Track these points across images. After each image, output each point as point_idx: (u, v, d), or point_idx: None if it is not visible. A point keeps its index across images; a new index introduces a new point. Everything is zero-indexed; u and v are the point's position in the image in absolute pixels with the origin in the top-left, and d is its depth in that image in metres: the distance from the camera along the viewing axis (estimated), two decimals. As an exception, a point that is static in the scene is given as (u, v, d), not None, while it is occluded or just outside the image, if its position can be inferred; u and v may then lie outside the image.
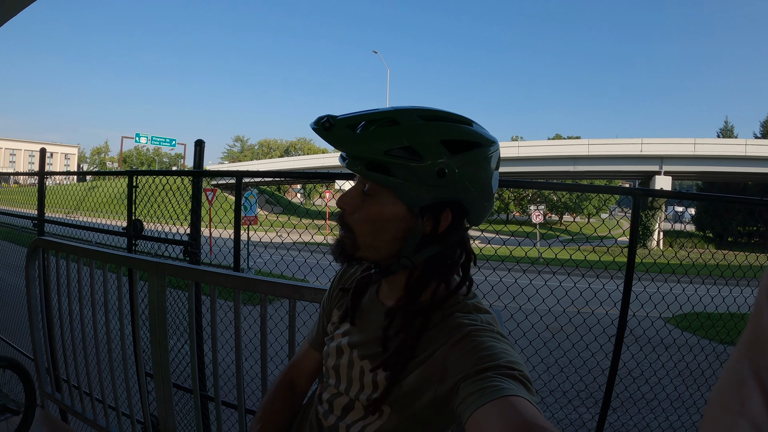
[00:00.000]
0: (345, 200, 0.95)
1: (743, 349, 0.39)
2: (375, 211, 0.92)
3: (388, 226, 0.92)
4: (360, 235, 0.94)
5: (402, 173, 0.87)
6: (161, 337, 2.29)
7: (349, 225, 0.95)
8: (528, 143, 37.88)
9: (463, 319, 0.91)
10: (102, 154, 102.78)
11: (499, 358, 0.79)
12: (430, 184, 0.88)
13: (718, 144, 31.94)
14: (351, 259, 0.97)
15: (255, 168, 55.43)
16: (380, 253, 0.94)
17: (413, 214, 0.91)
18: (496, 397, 0.71)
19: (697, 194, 3.63)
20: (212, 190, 12.90)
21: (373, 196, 0.92)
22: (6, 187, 22.72)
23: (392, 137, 0.87)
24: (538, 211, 27.82)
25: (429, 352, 0.90)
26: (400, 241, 0.92)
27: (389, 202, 0.91)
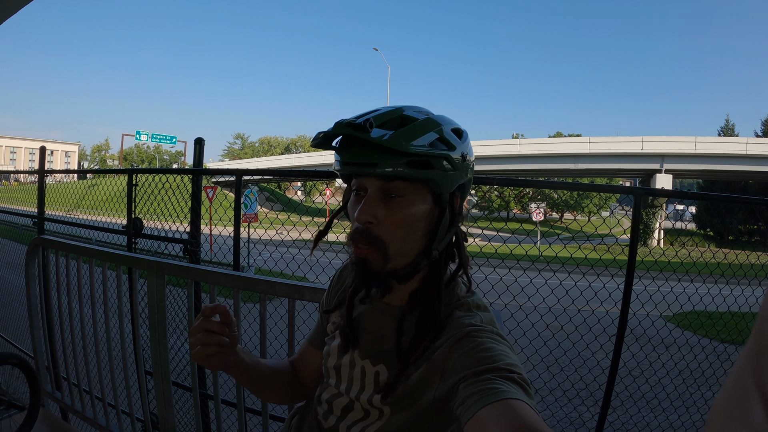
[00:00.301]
0: (369, 213, 0.90)
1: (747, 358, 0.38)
2: (407, 213, 0.90)
3: (420, 224, 0.91)
4: (392, 244, 0.90)
5: (441, 164, 0.87)
6: (161, 336, 2.30)
7: (380, 237, 0.90)
8: (529, 141, 37.88)
9: (463, 319, 0.91)
10: (102, 151, 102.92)
11: (499, 360, 0.79)
12: (458, 170, 0.90)
13: (719, 142, 31.87)
14: (381, 275, 0.92)
15: (255, 165, 55.52)
16: (409, 255, 0.93)
17: (439, 204, 0.91)
18: (496, 400, 0.71)
19: (698, 194, 3.63)
20: (213, 188, 12.91)
21: (402, 198, 0.90)
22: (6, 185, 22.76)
23: (425, 131, 0.87)
24: (539, 209, 27.68)
25: (429, 351, 0.90)
26: (427, 236, 0.92)
27: (419, 198, 0.90)
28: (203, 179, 3.51)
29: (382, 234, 0.90)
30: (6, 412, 3.01)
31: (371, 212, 0.89)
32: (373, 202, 0.90)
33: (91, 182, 6.63)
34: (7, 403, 3.02)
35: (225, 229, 3.76)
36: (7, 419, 3.00)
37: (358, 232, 0.91)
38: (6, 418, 3.00)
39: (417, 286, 0.96)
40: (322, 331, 1.18)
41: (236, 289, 2.11)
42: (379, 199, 0.90)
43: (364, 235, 0.90)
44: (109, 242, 10.42)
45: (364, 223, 0.90)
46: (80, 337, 2.81)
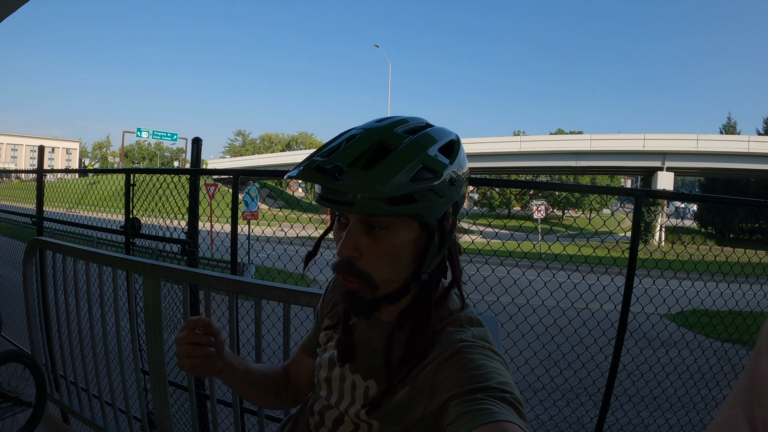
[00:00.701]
0: (352, 247, 0.87)
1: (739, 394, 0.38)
2: (391, 243, 0.86)
3: (406, 252, 0.88)
4: (378, 275, 0.88)
5: (425, 196, 0.83)
6: (156, 337, 2.30)
7: (363, 270, 0.87)
8: (530, 138, 37.84)
9: (455, 335, 0.89)
10: (104, 148, 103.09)
11: (491, 379, 0.77)
12: (446, 195, 0.86)
13: (720, 140, 31.83)
14: (372, 306, 0.91)
15: (256, 162, 55.50)
16: (398, 281, 0.90)
17: (428, 230, 0.87)
18: (487, 422, 0.69)
19: (700, 195, 3.61)
20: (213, 185, 12.91)
21: (385, 229, 0.86)
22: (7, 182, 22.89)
23: (406, 163, 0.81)
24: (540, 207, 27.68)
25: (419, 367, 0.88)
26: (416, 261, 0.89)
27: (404, 228, 0.86)
28: (202, 178, 3.50)
29: (365, 267, 0.87)
30: (12, 409, 3.04)
31: (353, 245, 0.87)
32: (355, 234, 0.87)
33: (92, 179, 6.62)
34: (14, 400, 3.04)
35: (225, 227, 3.75)
36: (11, 417, 3.02)
37: (341, 264, 0.89)
38: (12, 416, 3.02)
39: (407, 304, 0.94)
40: (315, 340, 1.17)
41: (232, 294, 2.11)
42: (362, 231, 0.87)
43: (347, 267, 0.88)
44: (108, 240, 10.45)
45: (348, 257, 0.87)
46: (78, 337, 2.81)
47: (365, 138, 0.83)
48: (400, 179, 0.80)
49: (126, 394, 2.63)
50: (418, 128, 0.88)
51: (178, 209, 3.38)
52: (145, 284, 2.30)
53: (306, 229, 3.43)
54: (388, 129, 0.86)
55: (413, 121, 0.91)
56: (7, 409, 3.04)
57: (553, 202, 53.75)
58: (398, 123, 0.88)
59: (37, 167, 4.26)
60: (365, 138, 0.83)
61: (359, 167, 0.80)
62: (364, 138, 0.83)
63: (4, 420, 3.00)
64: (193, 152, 3.31)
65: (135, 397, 2.70)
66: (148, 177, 3.50)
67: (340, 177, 0.77)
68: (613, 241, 6.82)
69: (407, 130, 0.87)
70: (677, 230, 23.60)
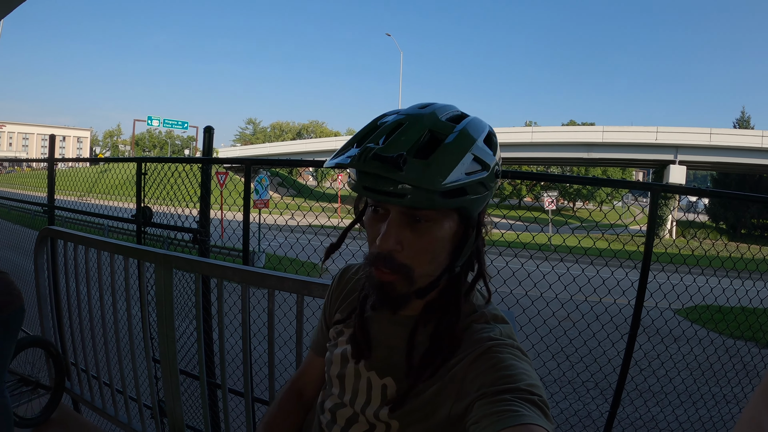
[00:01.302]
0: (395, 240, 0.81)
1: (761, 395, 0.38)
2: (434, 237, 0.82)
3: (446, 245, 0.84)
4: (419, 269, 0.83)
5: (476, 189, 0.79)
6: (168, 327, 2.30)
7: (406, 264, 0.82)
8: (542, 129, 37.57)
9: (482, 333, 0.86)
10: (114, 137, 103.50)
11: (519, 380, 0.75)
12: (491, 188, 0.83)
13: (734, 134, 31.48)
14: (405, 300, 0.86)
15: (267, 151, 55.50)
16: (433, 275, 0.86)
17: (466, 223, 0.84)
18: (515, 424, 0.67)
19: (715, 191, 3.53)
20: (224, 173, 12.93)
21: (430, 222, 0.81)
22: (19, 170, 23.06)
23: (461, 155, 0.77)
24: (551, 197, 27.51)
25: (449, 365, 0.85)
26: (452, 254, 0.86)
27: (447, 221, 0.82)
28: (213, 166, 3.49)
29: (407, 261, 0.82)
30: (30, 394, 3.09)
31: (396, 239, 0.81)
32: (397, 227, 0.82)
33: (103, 167, 6.65)
34: (34, 384, 3.09)
35: (236, 216, 3.74)
36: (27, 403, 3.06)
37: (380, 258, 0.83)
38: (28, 401, 3.06)
39: (433, 297, 0.90)
40: (324, 337, 1.14)
41: (245, 285, 2.09)
42: (405, 223, 0.82)
43: (388, 261, 0.82)
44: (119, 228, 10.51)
45: (390, 251, 0.82)
46: (89, 325, 2.82)
47: (414, 125, 0.78)
48: (457, 172, 0.76)
49: (137, 383, 2.65)
50: (459, 117, 0.85)
51: (189, 198, 3.37)
52: (157, 274, 2.30)
53: (318, 218, 3.42)
54: (434, 117, 0.81)
55: (450, 109, 0.86)
56: (26, 393, 3.08)
57: (565, 194, 53.50)
58: (440, 110, 0.83)
59: (48, 156, 4.27)
60: (414, 125, 0.78)
61: (415, 156, 0.75)
62: (413, 125, 0.78)
63: (21, 405, 3.04)
64: (204, 141, 3.29)
65: (145, 385, 2.71)
66: (159, 165, 3.49)
67: (404, 167, 0.71)
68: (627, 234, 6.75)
69: (450, 118, 0.83)
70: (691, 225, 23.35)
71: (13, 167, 31.02)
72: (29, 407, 3.04)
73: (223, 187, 11.22)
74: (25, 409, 3.02)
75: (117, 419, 2.78)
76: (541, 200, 30.25)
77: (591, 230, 4.48)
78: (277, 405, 1.19)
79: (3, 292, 2.49)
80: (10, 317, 2.49)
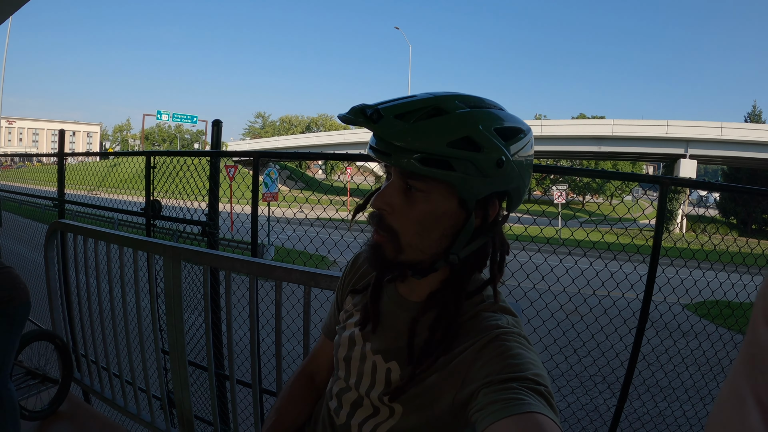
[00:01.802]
0: (384, 200, 0.86)
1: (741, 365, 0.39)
2: (424, 209, 0.84)
3: (439, 224, 0.85)
4: (405, 236, 0.85)
5: (463, 167, 0.79)
6: (177, 319, 2.31)
7: (392, 227, 0.86)
8: (551, 122, 37.38)
9: (490, 321, 0.86)
10: (124, 131, 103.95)
11: (526, 369, 0.76)
12: (490, 176, 0.81)
13: (745, 129, 31.09)
14: (392, 264, 0.88)
15: (276, 144, 55.54)
16: (425, 253, 0.87)
17: (465, 209, 0.84)
18: (520, 412, 0.67)
19: (725, 185, 3.51)
20: (233, 167, 12.97)
21: (422, 193, 0.84)
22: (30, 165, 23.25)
23: (450, 128, 0.79)
24: (560, 191, 27.36)
25: (455, 353, 0.85)
26: (449, 238, 0.86)
27: (442, 198, 0.83)
28: (222, 159, 3.50)
29: (394, 224, 0.86)
30: (38, 387, 3.12)
31: (387, 200, 0.86)
32: (393, 189, 0.86)
33: (113, 161, 6.69)
34: (41, 377, 3.13)
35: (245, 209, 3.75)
36: (36, 395, 3.09)
37: (373, 217, 0.88)
38: (37, 393, 3.10)
39: (437, 287, 0.91)
40: (335, 320, 1.15)
41: (252, 277, 2.11)
42: (400, 188, 0.86)
43: (379, 220, 0.87)
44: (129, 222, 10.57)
45: (379, 209, 0.87)
46: (99, 317, 2.85)
47: (424, 99, 0.81)
48: (436, 138, 0.78)
49: (146, 374, 2.67)
50: (486, 105, 0.85)
51: (198, 191, 3.39)
52: (165, 266, 2.31)
53: (327, 211, 3.42)
54: (451, 98, 0.83)
55: (489, 102, 0.87)
56: (34, 386, 3.12)
57: (574, 187, 53.25)
58: (470, 98, 0.85)
59: (58, 150, 4.30)
60: (424, 99, 0.81)
61: (404, 120, 0.79)
62: (423, 99, 0.81)
63: (29, 397, 3.07)
64: (213, 134, 3.30)
65: (155, 377, 2.73)
66: (168, 159, 3.50)
67: (377, 121, 0.77)
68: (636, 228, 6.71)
69: (470, 103, 0.84)
70: (701, 219, 23.19)
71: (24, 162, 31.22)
72: (38, 400, 3.08)
73: (232, 180, 11.28)
74: (33, 402, 3.05)
75: (126, 410, 2.80)
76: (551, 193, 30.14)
77: (599, 224, 4.46)
78: (289, 389, 1.20)
79: (8, 286, 2.52)
80: (16, 311, 2.53)
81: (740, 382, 0.38)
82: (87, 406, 3.32)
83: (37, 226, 5.95)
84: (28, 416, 2.90)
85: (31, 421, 2.92)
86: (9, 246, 6.11)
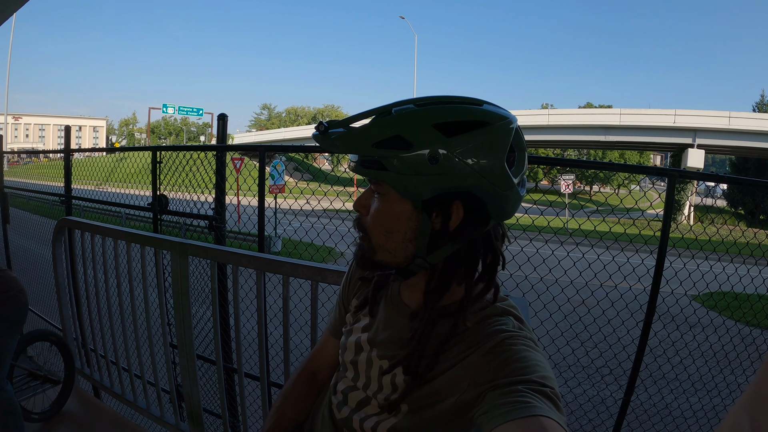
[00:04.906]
0: (359, 202, 0.93)
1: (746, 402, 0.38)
2: (384, 210, 0.87)
3: (398, 225, 0.86)
4: (374, 237, 0.89)
5: (394, 165, 0.80)
6: (185, 315, 2.33)
7: (366, 227, 0.91)
8: (558, 111, 37.17)
9: (497, 325, 0.86)
10: (130, 125, 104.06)
11: (532, 372, 0.75)
12: (425, 174, 0.79)
13: (754, 119, 30.77)
14: (370, 263, 0.92)
15: (282, 136, 55.55)
16: (395, 255, 0.88)
17: (419, 211, 0.84)
18: (526, 415, 0.67)
19: (732, 177, 3.48)
20: (240, 159, 12.97)
21: (381, 195, 0.87)
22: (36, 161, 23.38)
23: (381, 128, 0.81)
24: (568, 181, 27.23)
25: (460, 356, 0.85)
26: (413, 242, 0.86)
27: (396, 199, 0.85)
28: (228, 153, 3.51)
29: (367, 225, 0.91)
30: (42, 386, 3.14)
31: (361, 203, 0.93)
32: (367, 193, 0.93)
33: (120, 156, 6.70)
34: (43, 378, 3.14)
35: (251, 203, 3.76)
36: (42, 393, 3.11)
37: (354, 219, 0.95)
38: (41, 393, 3.11)
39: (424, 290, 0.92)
40: (341, 320, 1.16)
41: (260, 272, 2.12)
42: (372, 192, 0.91)
43: (357, 221, 0.94)
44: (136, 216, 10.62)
45: (356, 210, 0.94)
46: (107, 313, 2.87)
47: (384, 106, 0.85)
48: (363, 141, 0.81)
49: (155, 368, 2.69)
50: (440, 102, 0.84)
51: (205, 185, 3.40)
52: (173, 261, 2.33)
53: (333, 203, 3.42)
54: (402, 102, 0.85)
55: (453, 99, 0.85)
56: (36, 386, 3.14)
57: (581, 177, 53.03)
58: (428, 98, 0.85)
59: (64, 147, 4.31)
60: (384, 106, 0.85)
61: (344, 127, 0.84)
62: (384, 106, 0.85)
63: (35, 397, 3.09)
64: (219, 128, 3.31)
65: (163, 371, 2.75)
66: (174, 154, 3.51)
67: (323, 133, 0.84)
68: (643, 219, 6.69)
69: (423, 102, 0.83)
70: (708, 210, 23.07)
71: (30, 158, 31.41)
72: (43, 399, 3.10)
73: (239, 172, 11.29)
74: (39, 402, 3.07)
75: (136, 404, 2.83)
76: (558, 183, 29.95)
77: (607, 215, 4.45)
78: (290, 388, 1.20)
79: (5, 288, 2.56)
80: (13, 313, 2.56)
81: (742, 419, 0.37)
82: (96, 401, 3.35)
83: (45, 222, 5.97)
84: (30, 417, 2.88)
85: (35, 422, 2.93)
86: (17, 242, 6.14)
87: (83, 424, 3.01)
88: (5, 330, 2.54)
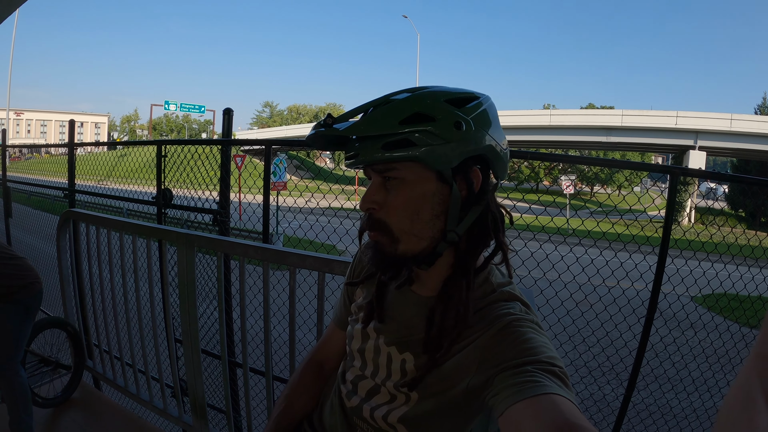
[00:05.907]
0: (370, 199, 0.89)
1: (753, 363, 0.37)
2: (406, 194, 0.86)
3: (425, 204, 0.86)
4: (397, 225, 0.87)
5: (423, 139, 0.82)
6: (190, 307, 2.33)
7: (382, 220, 0.88)
8: (560, 112, 37.09)
9: (503, 309, 0.87)
10: (132, 122, 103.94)
11: (540, 353, 0.77)
12: (454, 140, 0.83)
13: (755, 121, 30.70)
14: (394, 259, 0.89)
15: (284, 133, 55.44)
16: (423, 237, 0.87)
17: (445, 182, 0.85)
18: (536, 394, 0.68)
19: (735, 176, 3.48)
20: (241, 156, 12.98)
21: (399, 180, 0.86)
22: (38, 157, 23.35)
23: (398, 110, 0.83)
24: (569, 181, 27.12)
25: (468, 340, 0.86)
26: (441, 217, 0.86)
27: (417, 179, 0.85)
28: (232, 148, 3.51)
29: (383, 217, 0.88)
30: (52, 373, 3.17)
31: (371, 199, 0.89)
32: (374, 188, 0.89)
33: (122, 152, 6.71)
34: (54, 364, 3.18)
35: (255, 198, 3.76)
36: (49, 383, 3.14)
37: (364, 220, 0.92)
38: (50, 381, 3.14)
39: (448, 273, 0.91)
40: (347, 311, 1.16)
41: (266, 263, 2.12)
42: (380, 185, 0.89)
43: (368, 220, 0.90)
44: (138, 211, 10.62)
45: (367, 210, 0.90)
46: (111, 306, 2.88)
47: (376, 99, 0.87)
48: (388, 121, 0.82)
49: (159, 362, 2.70)
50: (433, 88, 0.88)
51: (209, 180, 3.40)
52: (179, 254, 2.33)
53: (337, 200, 3.43)
54: (398, 92, 0.88)
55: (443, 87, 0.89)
56: (47, 373, 3.17)
57: (583, 178, 52.89)
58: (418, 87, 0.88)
59: (68, 141, 4.32)
60: (376, 99, 0.87)
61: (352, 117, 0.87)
62: (375, 99, 0.87)
63: (42, 385, 3.12)
64: (224, 123, 3.31)
65: (166, 365, 2.76)
66: (179, 148, 3.52)
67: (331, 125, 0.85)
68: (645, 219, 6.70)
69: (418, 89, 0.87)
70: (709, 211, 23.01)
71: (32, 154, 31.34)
72: (51, 387, 3.12)
73: (241, 169, 11.29)
74: (46, 389, 3.10)
75: (139, 397, 2.84)
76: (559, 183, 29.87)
77: (609, 213, 4.45)
78: (298, 378, 1.21)
79: (23, 276, 2.59)
80: (29, 300, 2.60)
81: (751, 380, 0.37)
82: (99, 393, 3.36)
83: (46, 217, 5.98)
84: (42, 403, 2.94)
85: (44, 408, 2.96)
86: (19, 237, 6.16)
87: (87, 414, 3.03)
88: (22, 316, 2.59)
